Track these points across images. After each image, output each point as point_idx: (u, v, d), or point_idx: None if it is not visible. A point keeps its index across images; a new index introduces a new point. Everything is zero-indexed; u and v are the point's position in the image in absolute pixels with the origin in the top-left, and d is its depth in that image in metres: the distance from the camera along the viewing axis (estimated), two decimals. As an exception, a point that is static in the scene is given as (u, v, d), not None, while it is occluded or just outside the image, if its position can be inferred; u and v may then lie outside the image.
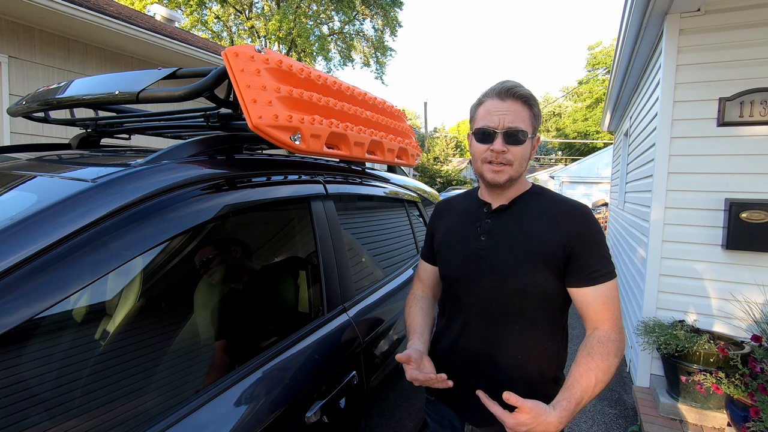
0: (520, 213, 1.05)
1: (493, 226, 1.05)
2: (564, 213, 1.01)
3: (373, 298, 1.41)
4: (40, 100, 1.28)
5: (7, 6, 3.48)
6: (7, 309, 0.60)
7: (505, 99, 1.00)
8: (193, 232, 0.90)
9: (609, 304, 0.97)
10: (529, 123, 1.00)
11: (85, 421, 0.66)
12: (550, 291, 0.99)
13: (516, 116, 0.98)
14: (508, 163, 0.99)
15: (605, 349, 0.93)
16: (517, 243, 1.01)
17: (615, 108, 5.57)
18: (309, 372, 1.03)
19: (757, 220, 2.43)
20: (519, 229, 1.02)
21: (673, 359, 2.50)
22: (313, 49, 19.06)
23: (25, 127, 3.74)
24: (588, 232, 0.99)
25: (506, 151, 0.98)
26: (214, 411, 0.81)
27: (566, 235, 0.97)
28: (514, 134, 0.98)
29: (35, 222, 0.67)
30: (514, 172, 1.01)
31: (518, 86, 1.00)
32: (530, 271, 0.98)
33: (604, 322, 0.97)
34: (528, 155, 1.03)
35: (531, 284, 0.98)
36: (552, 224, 1.00)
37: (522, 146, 0.99)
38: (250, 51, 1.00)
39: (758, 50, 2.44)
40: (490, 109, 1.00)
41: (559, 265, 0.97)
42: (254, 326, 1.07)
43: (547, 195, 1.08)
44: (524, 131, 0.99)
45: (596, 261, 0.97)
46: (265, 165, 1.18)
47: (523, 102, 1.00)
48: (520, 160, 1.00)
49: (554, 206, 1.03)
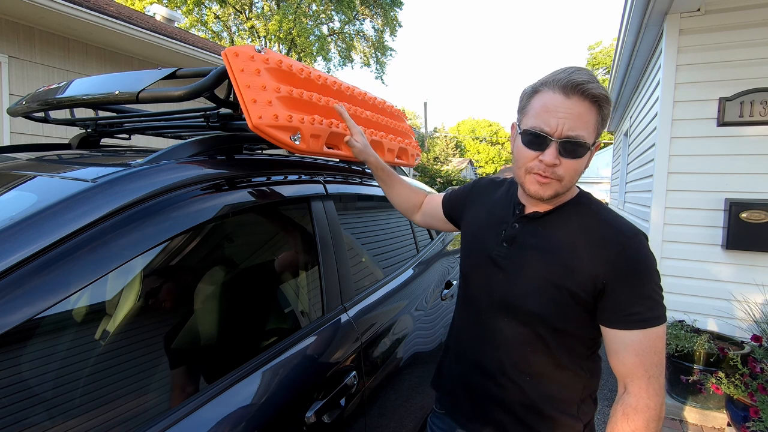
0: (554, 227, 0.87)
1: (519, 234, 0.90)
2: (607, 237, 0.81)
3: (373, 298, 1.40)
4: (40, 100, 1.28)
5: (7, 6, 3.48)
6: (8, 309, 0.60)
7: (570, 96, 0.78)
8: (193, 232, 0.90)
9: (645, 357, 0.77)
10: (593, 131, 0.80)
11: (85, 421, 0.66)
12: (571, 323, 0.83)
13: (579, 121, 0.78)
14: (558, 179, 0.81)
15: (632, 425, 0.76)
16: (540, 263, 0.85)
17: (615, 108, 5.57)
18: (308, 372, 1.03)
19: (757, 220, 2.43)
20: (547, 246, 0.86)
21: (673, 359, 2.50)
22: (313, 49, 19.06)
23: (25, 127, 3.74)
24: (633, 265, 0.78)
25: (558, 165, 0.80)
26: (214, 411, 0.81)
27: (603, 265, 0.79)
28: (573, 146, 0.78)
29: (35, 222, 0.67)
30: (562, 188, 0.83)
31: (590, 81, 0.78)
32: (547, 298, 0.83)
33: (634, 381, 0.78)
34: (583, 169, 0.83)
35: (546, 312, 0.84)
36: (588, 249, 0.81)
37: (579, 160, 0.80)
38: (250, 51, 1.00)
39: (758, 50, 2.44)
40: (548, 105, 0.79)
41: (586, 299, 0.81)
42: (254, 326, 1.07)
43: (593, 209, 0.87)
44: (585, 144, 0.79)
45: (637, 301, 0.77)
46: (265, 165, 1.17)
47: (592, 102, 0.78)
48: (572, 175, 0.81)
49: (597, 226, 0.83)
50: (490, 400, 0.93)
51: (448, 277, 2.06)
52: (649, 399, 0.77)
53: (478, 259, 0.97)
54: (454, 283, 2.08)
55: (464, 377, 0.99)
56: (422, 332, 1.65)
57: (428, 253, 1.99)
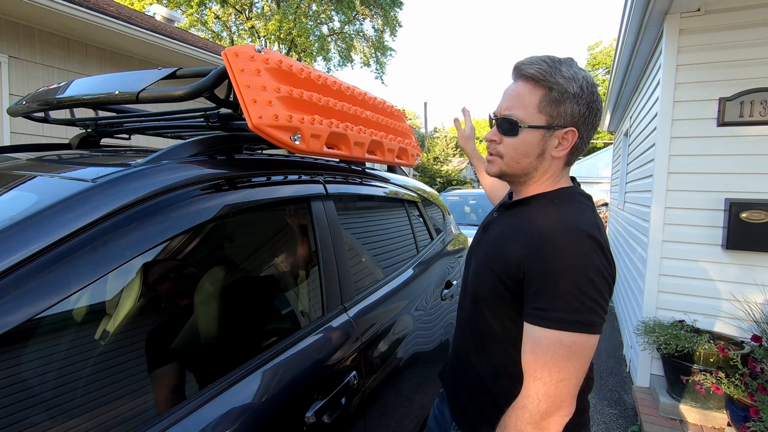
0: (513, 216, 0.92)
1: (494, 221, 0.97)
2: (537, 229, 0.80)
3: (373, 298, 1.40)
4: (40, 100, 1.28)
5: (7, 6, 3.48)
6: (8, 308, 0.60)
7: (515, 79, 0.86)
8: (193, 232, 0.90)
9: (538, 357, 0.73)
10: (534, 110, 0.82)
11: (85, 421, 0.66)
12: (504, 307, 0.84)
13: (517, 101, 0.83)
14: (498, 155, 0.88)
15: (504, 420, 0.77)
16: (493, 247, 0.90)
17: (615, 108, 5.57)
18: (309, 372, 1.03)
19: (757, 220, 2.43)
20: (498, 233, 0.92)
21: (673, 359, 2.50)
22: (313, 49, 19.07)
23: (25, 127, 3.74)
24: (550, 261, 0.74)
25: (498, 142, 0.87)
26: (215, 410, 0.81)
27: (525, 255, 0.79)
28: (505, 123, 0.85)
29: (35, 222, 0.67)
30: (506, 167, 0.88)
31: (532, 62, 0.82)
32: (483, 280, 0.88)
33: (526, 378, 0.76)
34: (531, 150, 0.84)
35: (482, 292, 0.88)
36: (519, 237, 0.83)
37: (515, 138, 0.84)
38: (250, 51, 1.00)
39: (758, 50, 2.44)
40: (504, 89, 0.88)
41: (512, 286, 0.81)
42: (254, 326, 1.07)
43: (552, 203, 0.86)
44: (514, 121, 0.83)
45: (544, 298, 0.74)
46: (265, 165, 1.18)
47: (532, 83, 0.82)
48: (512, 154, 0.85)
49: (537, 218, 0.84)
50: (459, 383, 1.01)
51: (448, 277, 2.06)
52: (527, 399, 0.73)
53: (471, 246, 1.06)
54: (454, 283, 2.08)
55: (450, 361, 1.08)
56: (422, 332, 1.65)
57: (428, 253, 1.99)
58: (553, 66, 0.80)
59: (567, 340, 0.71)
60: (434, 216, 2.32)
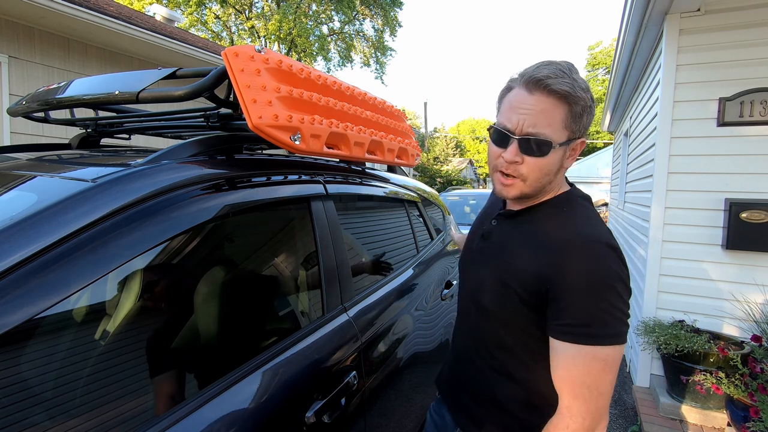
0: (521, 225, 0.87)
1: (495, 230, 0.93)
2: (558, 241, 0.77)
3: (373, 298, 1.40)
4: (40, 100, 1.27)
5: (7, 6, 3.48)
6: (8, 308, 0.60)
7: (533, 92, 0.76)
8: (193, 232, 0.90)
9: (573, 374, 0.73)
10: (560, 127, 0.76)
11: (85, 421, 0.66)
12: (517, 321, 0.82)
13: (541, 118, 0.75)
14: (521, 177, 0.80)
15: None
16: (495, 259, 0.87)
17: (615, 108, 5.57)
18: (309, 372, 1.03)
19: (757, 220, 2.43)
20: (506, 243, 0.87)
21: (673, 359, 2.50)
22: (313, 49, 19.07)
23: (25, 127, 3.74)
24: (576, 270, 0.73)
25: (520, 162, 0.79)
26: (215, 410, 0.81)
27: (546, 268, 0.76)
28: (533, 144, 0.76)
29: (35, 222, 0.67)
30: (528, 189, 0.81)
31: (556, 75, 0.75)
32: (494, 293, 0.85)
33: (561, 397, 0.75)
34: (553, 168, 0.80)
35: (494, 307, 0.85)
36: (536, 250, 0.79)
37: (543, 159, 0.78)
38: (250, 51, 1.00)
39: (758, 50, 2.44)
40: (513, 102, 0.79)
41: (529, 299, 0.79)
42: (254, 326, 1.07)
43: (565, 211, 0.83)
44: (547, 141, 0.76)
45: (576, 313, 0.72)
46: (265, 165, 1.17)
47: (557, 98, 0.75)
48: (537, 174, 0.79)
49: (555, 229, 0.80)
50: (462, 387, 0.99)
51: (448, 277, 2.06)
52: (571, 419, 0.73)
53: (465, 253, 1.03)
54: (454, 283, 2.08)
55: (451, 367, 1.06)
56: (422, 332, 1.65)
57: (428, 253, 1.99)
58: (572, 78, 0.76)
59: (601, 354, 0.71)
60: (434, 216, 2.32)
